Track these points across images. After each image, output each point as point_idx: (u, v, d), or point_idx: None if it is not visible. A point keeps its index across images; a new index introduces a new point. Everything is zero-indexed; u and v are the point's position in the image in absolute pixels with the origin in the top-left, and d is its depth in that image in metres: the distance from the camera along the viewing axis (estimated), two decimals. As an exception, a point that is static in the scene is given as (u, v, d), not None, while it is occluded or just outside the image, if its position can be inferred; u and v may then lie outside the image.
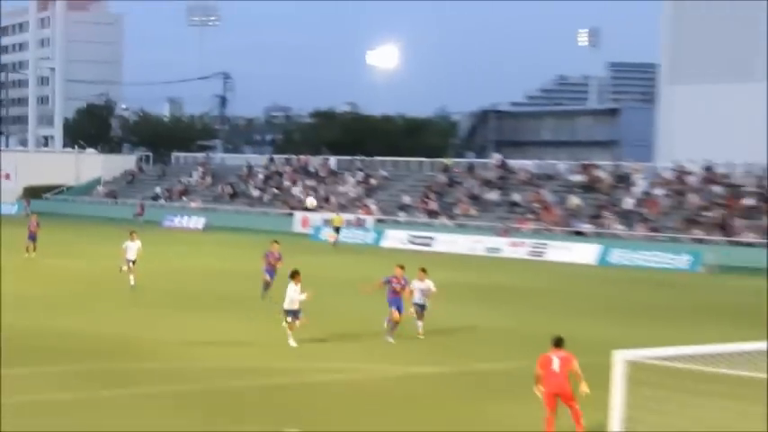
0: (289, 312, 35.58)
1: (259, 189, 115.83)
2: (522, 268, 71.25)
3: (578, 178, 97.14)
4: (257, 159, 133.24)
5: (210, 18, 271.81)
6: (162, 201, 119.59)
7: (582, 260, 77.95)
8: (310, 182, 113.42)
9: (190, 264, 61.55)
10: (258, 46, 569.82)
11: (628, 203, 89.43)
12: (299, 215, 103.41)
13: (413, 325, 37.55)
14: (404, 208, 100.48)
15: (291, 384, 30.08)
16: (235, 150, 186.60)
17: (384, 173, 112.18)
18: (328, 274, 57.94)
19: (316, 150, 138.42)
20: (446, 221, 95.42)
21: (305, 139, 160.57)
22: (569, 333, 35.24)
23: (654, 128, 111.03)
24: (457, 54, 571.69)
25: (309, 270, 46.74)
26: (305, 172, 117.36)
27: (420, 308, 37.64)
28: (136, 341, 36.24)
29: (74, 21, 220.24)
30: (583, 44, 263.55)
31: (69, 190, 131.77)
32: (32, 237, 63.91)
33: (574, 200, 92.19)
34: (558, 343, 24.33)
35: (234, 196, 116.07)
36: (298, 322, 35.64)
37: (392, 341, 36.45)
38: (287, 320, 35.66)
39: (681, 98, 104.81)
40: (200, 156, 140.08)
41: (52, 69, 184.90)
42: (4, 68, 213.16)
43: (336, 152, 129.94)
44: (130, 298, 48.04)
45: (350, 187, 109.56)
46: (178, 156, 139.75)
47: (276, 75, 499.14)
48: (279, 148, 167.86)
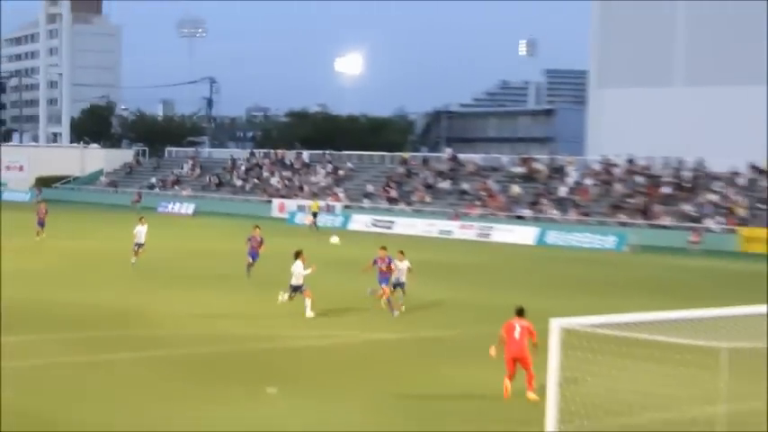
0: (294, 288, 35.52)
1: (241, 179, 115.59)
2: (471, 248, 71.34)
3: (519, 170, 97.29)
4: (240, 153, 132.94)
5: (198, 30, 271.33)
6: (157, 189, 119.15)
7: (522, 241, 78.12)
8: (286, 173, 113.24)
9: (182, 244, 61.37)
10: (240, 54, 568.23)
11: (562, 192, 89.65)
12: (277, 202, 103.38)
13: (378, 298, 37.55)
14: (368, 196, 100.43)
15: (271, 349, 30.04)
16: (220, 145, 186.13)
17: (350, 165, 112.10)
18: (305, 254, 57.82)
19: (290, 145, 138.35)
20: (405, 207, 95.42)
21: (281, 136, 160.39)
22: (512, 304, 35.36)
23: (584, 126, 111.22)
24: (413, 62, 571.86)
25: (289, 250, 46.63)
26: (281, 164, 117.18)
27: (401, 285, 37.39)
28: (133, 312, 36.11)
29: (78, 32, 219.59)
30: (522, 54, 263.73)
31: (75, 180, 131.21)
32: (41, 222, 63.62)
33: (515, 188, 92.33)
34: (521, 312, 24.51)
35: (219, 185, 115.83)
36: (304, 295, 35.31)
37: (396, 314, 36.25)
38: (290, 295, 35.60)
39: (607, 100, 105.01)
40: (189, 150, 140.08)
41: (60, 75, 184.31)
42: (19, 74, 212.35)
43: (309, 147, 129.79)
44: (128, 274, 47.85)
45: (320, 177, 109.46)
46: (171, 150, 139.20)
47: (256, 80, 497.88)
48: (258, 144, 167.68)
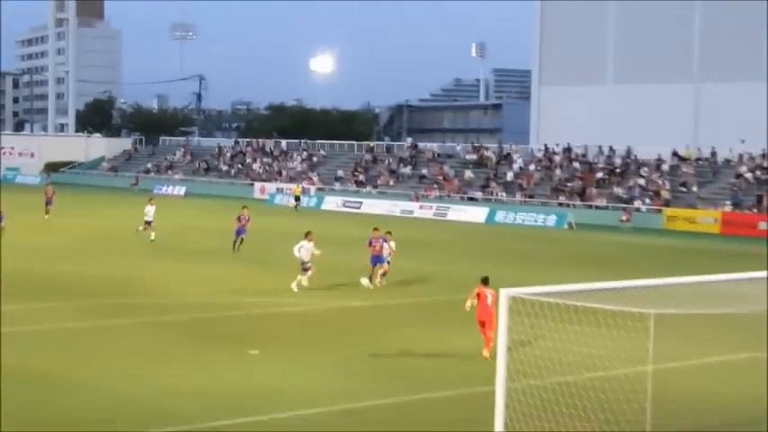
0: (303, 263, 34.66)
1: (227, 165, 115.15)
2: (430, 226, 71.31)
3: (471, 157, 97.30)
4: (225, 142, 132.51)
5: (189, 33, 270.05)
6: (152, 174, 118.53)
7: (474, 219, 78.15)
8: (266, 159, 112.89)
9: (175, 222, 61.02)
10: (226, 54, 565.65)
11: (509, 176, 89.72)
12: (258, 185, 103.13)
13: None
14: (339, 179, 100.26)
15: (254, 315, 29.95)
16: (208, 135, 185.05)
17: (323, 152, 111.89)
18: (286, 230, 57.71)
19: (270, 135, 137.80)
20: (371, 190, 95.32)
21: (262, 127, 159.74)
22: (467, 275, 35.36)
23: (528, 119, 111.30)
24: (378, 62, 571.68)
25: (272, 227, 46.73)
26: (262, 152, 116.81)
27: (387, 263, 36.82)
28: (131, 282, 35.93)
29: (83, 35, 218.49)
30: (474, 55, 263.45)
31: (80, 165, 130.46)
32: (49, 202, 63.15)
33: (468, 173, 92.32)
34: (486, 281, 24.66)
35: (208, 170, 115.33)
36: (309, 273, 34.59)
37: (384, 282, 36.22)
38: (304, 269, 34.71)
39: (548, 96, 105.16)
40: (181, 139, 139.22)
41: (66, 72, 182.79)
42: (30, 72, 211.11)
43: (286, 136, 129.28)
44: (128, 247, 47.60)
45: (296, 163, 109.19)
46: (164, 139, 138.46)
47: (240, 77, 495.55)
48: (242, 134, 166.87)
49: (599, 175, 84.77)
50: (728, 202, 74.27)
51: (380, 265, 36.29)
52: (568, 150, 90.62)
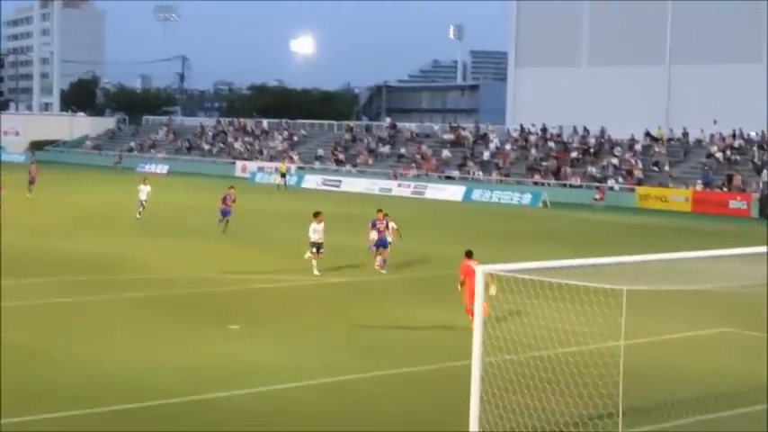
0: (314, 245, 33.63)
1: (209, 144, 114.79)
2: (408, 204, 71.24)
3: (448, 137, 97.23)
4: (208, 122, 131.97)
5: (172, 15, 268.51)
6: (135, 152, 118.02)
7: (452, 198, 78.20)
8: (248, 138, 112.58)
9: (159, 199, 60.75)
10: (208, 35, 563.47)
11: (485, 155, 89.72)
12: (240, 163, 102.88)
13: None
14: (319, 158, 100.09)
15: (236, 291, 29.95)
16: (191, 115, 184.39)
17: (303, 132, 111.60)
18: (271, 208, 57.65)
19: (252, 115, 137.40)
20: (350, 169, 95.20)
21: (244, 107, 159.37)
22: (445, 252, 35.45)
23: (504, 99, 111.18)
24: (358, 43, 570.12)
25: (257, 205, 46.69)
26: (244, 131, 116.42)
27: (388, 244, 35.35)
28: (115, 258, 35.84)
29: (68, 16, 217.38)
30: (451, 37, 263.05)
31: (64, 144, 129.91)
32: (32, 180, 62.75)
33: (445, 153, 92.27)
34: (470, 254, 24.78)
35: (190, 149, 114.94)
36: (320, 255, 33.62)
37: (384, 272, 34.55)
38: (311, 251, 33.62)
39: (524, 78, 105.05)
40: (164, 118, 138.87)
41: (51, 53, 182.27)
42: (15, 52, 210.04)
43: (267, 116, 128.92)
44: (113, 224, 47.44)
45: (278, 143, 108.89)
46: (147, 118, 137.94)
47: (222, 57, 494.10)
48: (224, 113, 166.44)
49: (573, 155, 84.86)
50: (699, 181, 74.52)
51: (383, 250, 34.92)
52: (544, 131, 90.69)
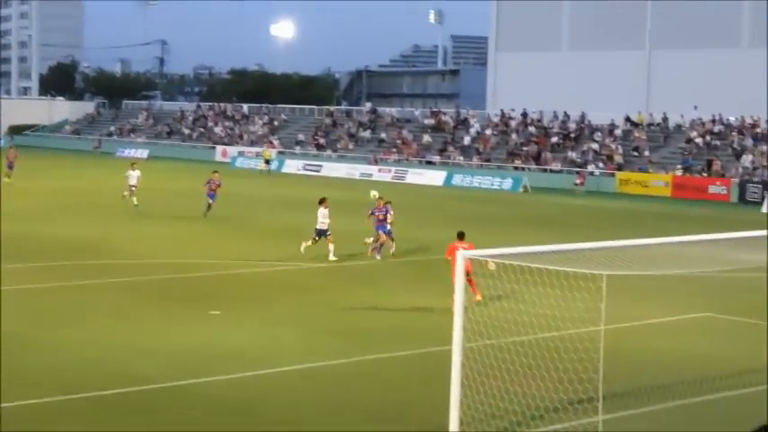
0: (318, 231, 33.20)
1: (189, 128, 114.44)
2: (388, 188, 70.99)
3: (429, 121, 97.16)
4: (188, 106, 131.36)
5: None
6: (115, 137, 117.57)
7: (432, 183, 78.19)
8: (228, 123, 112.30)
9: (140, 184, 60.61)
10: (188, 19, 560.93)
11: (466, 140, 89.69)
12: (220, 148, 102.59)
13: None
14: (299, 143, 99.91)
15: (218, 276, 29.92)
16: (171, 99, 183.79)
17: (284, 117, 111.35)
18: (253, 193, 57.55)
19: (232, 99, 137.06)
20: (331, 153, 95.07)
21: (224, 91, 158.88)
22: (425, 236, 35.49)
23: (485, 84, 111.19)
24: (339, 28, 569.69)
25: (238, 189, 46.64)
26: (224, 116, 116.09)
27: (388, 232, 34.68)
28: (97, 243, 35.74)
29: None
30: (432, 21, 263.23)
31: (44, 128, 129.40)
32: (10, 165, 62.35)
33: (426, 138, 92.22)
34: (462, 236, 24.87)
35: (170, 134, 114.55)
36: (327, 241, 33.05)
37: (379, 258, 34.17)
38: (314, 239, 33.17)
39: (505, 62, 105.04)
40: (144, 103, 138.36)
41: (30, 36, 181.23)
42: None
43: (247, 101, 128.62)
44: (94, 209, 47.28)
45: (258, 127, 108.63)
46: (127, 103, 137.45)
47: (202, 41, 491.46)
48: (204, 98, 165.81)
49: (554, 140, 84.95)
50: (679, 167, 74.71)
51: (385, 236, 34.35)
52: (524, 115, 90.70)
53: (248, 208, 50.09)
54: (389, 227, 34.75)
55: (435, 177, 79.60)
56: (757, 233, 20.31)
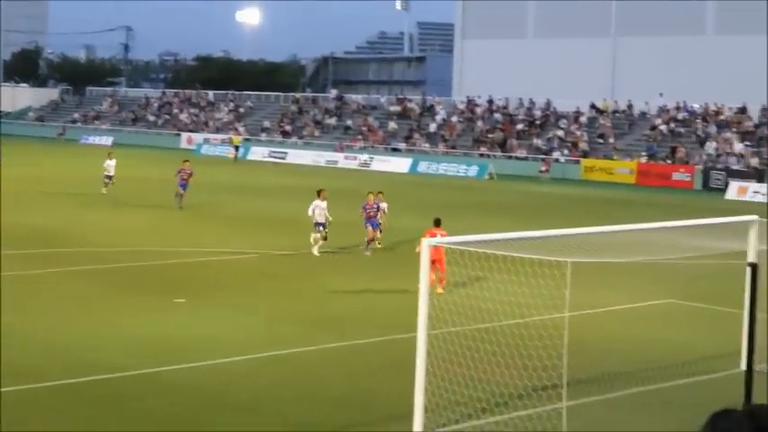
0: (317, 224, 32.41)
1: (154, 115, 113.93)
2: (354, 176, 71.19)
3: (395, 108, 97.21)
4: (153, 93, 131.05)
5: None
6: (79, 124, 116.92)
7: (398, 170, 78.22)
8: (193, 110, 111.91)
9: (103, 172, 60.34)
10: (154, 5, 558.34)
11: (432, 127, 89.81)
12: (185, 135, 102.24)
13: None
14: (265, 130, 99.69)
15: (183, 264, 29.83)
16: (135, 85, 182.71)
17: (249, 103, 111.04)
18: (217, 180, 57.33)
19: (197, 86, 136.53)
20: (297, 141, 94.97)
21: (189, 78, 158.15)
22: (391, 224, 35.45)
23: (451, 71, 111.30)
24: (304, 14, 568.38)
25: (204, 177, 46.44)
26: (189, 102, 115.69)
27: (378, 225, 33.83)
28: (61, 231, 35.54)
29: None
30: (398, 8, 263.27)
31: (7, 115, 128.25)
32: None
33: (392, 125, 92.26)
34: (438, 223, 24.98)
35: (135, 120, 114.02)
36: (319, 235, 32.23)
37: (368, 255, 33.18)
38: (318, 231, 32.33)
39: (471, 49, 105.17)
40: (108, 90, 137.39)
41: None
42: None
43: (213, 87, 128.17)
44: (59, 197, 46.98)
45: (223, 114, 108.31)
46: (92, 89, 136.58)
47: (167, 28, 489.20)
48: (169, 84, 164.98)
49: (519, 127, 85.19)
50: (644, 154, 75.12)
51: (373, 230, 33.52)
52: (490, 102, 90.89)
53: (215, 196, 49.95)
54: (381, 221, 33.78)
55: (401, 164, 79.65)
56: (720, 220, 20.50)
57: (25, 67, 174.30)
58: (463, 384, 16.36)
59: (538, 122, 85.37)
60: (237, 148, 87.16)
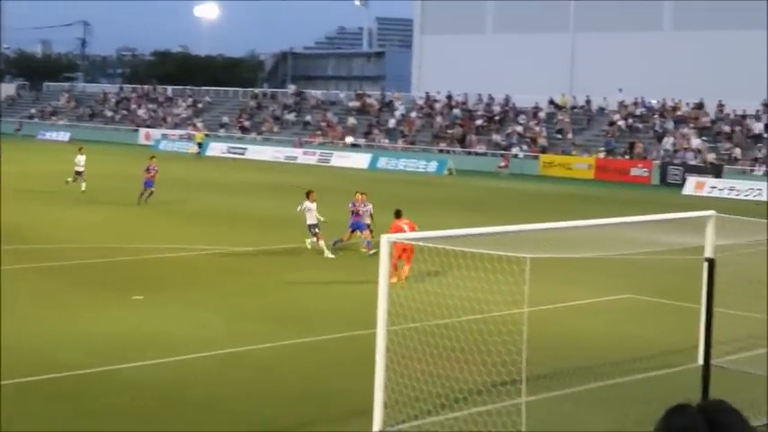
0: (311, 227, 31.74)
1: (112, 111, 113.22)
2: (314, 171, 71.12)
3: (354, 104, 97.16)
4: (110, 88, 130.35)
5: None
6: (36, 119, 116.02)
7: (357, 165, 78.21)
8: (151, 105, 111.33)
9: (62, 168, 59.81)
10: (111, 1, 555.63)
11: (391, 123, 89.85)
12: (143, 131, 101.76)
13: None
14: (223, 126, 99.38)
15: (141, 261, 29.66)
16: (93, 81, 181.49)
17: (208, 99, 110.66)
18: (177, 176, 57.03)
19: (155, 81, 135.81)
20: (255, 136, 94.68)
21: (147, 73, 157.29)
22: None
23: (410, 67, 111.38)
24: (263, 10, 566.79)
25: (164, 173, 46.18)
26: (147, 98, 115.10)
27: (366, 226, 32.80)
28: (16, 228, 35.19)
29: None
30: (357, 3, 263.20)
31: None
32: None
33: (351, 120, 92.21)
34: (399, 214, 25.07)
35: (92, 116, 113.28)
36: (316, 238, 31.42)
37: (365, 252, 31.98)
38: (314, 233, 31.57)
39: (430, 45, 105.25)
40: (65, 85, 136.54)
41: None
42: None
43: (171, 83, 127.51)
44: (18, 194, 46.47)
45: (182, 110, 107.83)
46: (48, 85, 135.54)
47: (125, 23, 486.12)
48: (127, 80, 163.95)
49: (478, 123, 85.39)
50: (602, 149, 75.56)
51: (360, 232, 32.64)
52: (449, 98, 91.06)
53: (176, 192, 49.70)
54: (368, 221, 32.85)
55: (360, 160, 79.65)
56: (678, 215, 20.64)
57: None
58: (422, 380, 16.36)
59: (497, 118, 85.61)
60: (201, 145, 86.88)
